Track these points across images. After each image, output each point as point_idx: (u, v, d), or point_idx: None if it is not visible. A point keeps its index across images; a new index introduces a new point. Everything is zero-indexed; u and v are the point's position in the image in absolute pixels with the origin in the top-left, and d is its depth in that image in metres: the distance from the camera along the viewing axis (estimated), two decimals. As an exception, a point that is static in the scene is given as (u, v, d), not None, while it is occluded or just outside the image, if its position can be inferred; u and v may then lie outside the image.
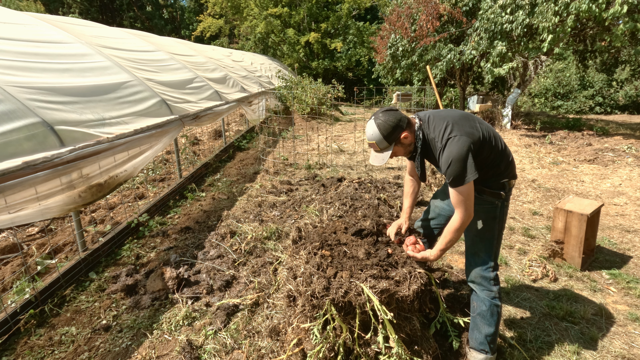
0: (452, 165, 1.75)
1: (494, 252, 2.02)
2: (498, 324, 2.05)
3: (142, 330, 2.53)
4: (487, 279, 2.02)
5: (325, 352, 1.84)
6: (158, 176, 5.84)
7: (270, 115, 10.58)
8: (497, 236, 2.02)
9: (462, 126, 1.81)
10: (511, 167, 1.97)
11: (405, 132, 1.87)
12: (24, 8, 22.65)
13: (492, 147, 1.87)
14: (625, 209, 4.69)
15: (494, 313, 2.02)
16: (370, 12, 26.39)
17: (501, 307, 2.05)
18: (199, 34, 24.65)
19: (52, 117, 2.60)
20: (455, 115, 1.89)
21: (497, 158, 1.90)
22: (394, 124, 1.84)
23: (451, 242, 1.88)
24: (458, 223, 1.83)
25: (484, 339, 2.05)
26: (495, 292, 2.02)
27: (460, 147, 1.74)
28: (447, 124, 1.83)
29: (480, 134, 1.83)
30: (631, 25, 7.19)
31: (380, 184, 4.92)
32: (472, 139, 1.77)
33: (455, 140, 1.77)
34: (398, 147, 1.92)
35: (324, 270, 1.94)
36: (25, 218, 2.25)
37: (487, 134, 1.87)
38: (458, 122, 1.84)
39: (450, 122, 1.84)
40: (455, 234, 1.85)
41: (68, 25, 4.20)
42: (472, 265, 2.07)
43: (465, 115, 1.91)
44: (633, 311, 2.69)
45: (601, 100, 18.40)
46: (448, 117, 1.88)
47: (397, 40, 11.75)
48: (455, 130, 1.79)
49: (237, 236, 3.72)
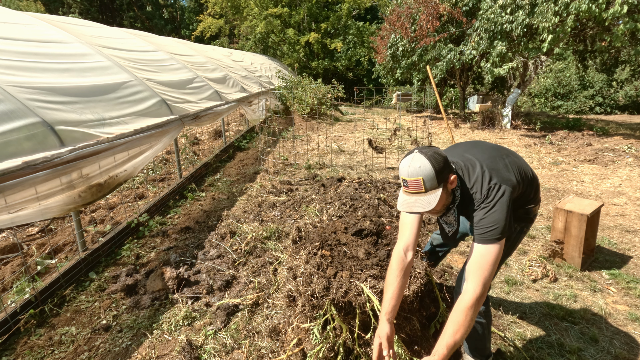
0: (491, 217, 1.51)
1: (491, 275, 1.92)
2: (485, 338, 1.98)
3: (142, 330, 2.53)
4: None
5: (325, 352, 1.85)
6: (158, 176, 5.84)
7: (270, 115, 10.58)
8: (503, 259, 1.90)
9: (498, 170, 1.62)
10: (538, 193, 1.85)
11: (454, 175, 1.55)
12: (24, 8, 22.66)
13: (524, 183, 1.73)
14: (625, 209, 4.69)
15: (478, 330, 1.94)
16: (370, 12, 26.41)
17: (487, 324, 1.95)
18: (199, 34, 24.66)
19: (52, 117, 2.60)
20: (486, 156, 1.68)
21: (527, 189, 1.77)
22: (445, 159, 1.52)
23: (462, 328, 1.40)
24: (472, 299, 1.43)
25: (474, 350, 2.04)
26: (481, 312, 1.90)
27: (502, 196, 1.54)
28: (482, 169, 1.61)
29: (514, 176, 1.65)
30: (631, 25, 7.18)
31: (380, 184, 4.92)
32: (511, 186, 1.59)
33: (496, 189, 1.55)
34: (443, 192, 1.52)
35: (324, 270, 1.95)
36: (25, 218, 2.25)
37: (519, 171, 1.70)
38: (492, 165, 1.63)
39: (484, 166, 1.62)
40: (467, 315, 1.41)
41: (68, 25, 4.20)
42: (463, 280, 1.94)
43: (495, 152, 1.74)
44: (633, 311, 2.69)
45: (601, 100, 18.40)
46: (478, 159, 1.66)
47: (397, 40, 11.76)
48: (495, 177, 1.59)
49: (237, 236, 3.72)
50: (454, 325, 1.41)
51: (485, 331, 1.97)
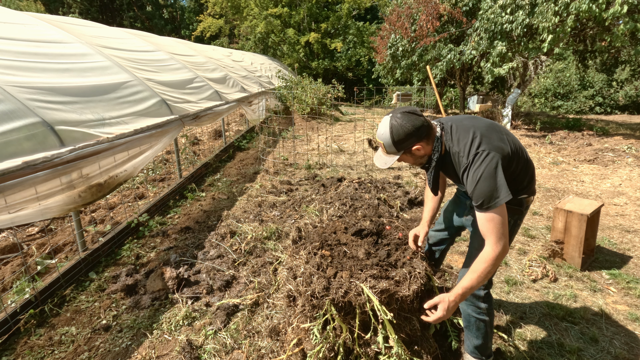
0: (481, 185, 1.53)
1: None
2: (487, 336, 1.98)
3: (142, 330, 2.53)
4: (477, 296, 1.91)
5: (325, 352, 1.85)
6: (158, 176, 5.84)
7: (270, 115, 10.58)
8: None
9: (490, 139, 1.61)
10: (533, 182, 1.82)
11: (419, 145, 1.64)
12: (24, 8, 22.66)
13: (519, 161, 1.71)
14: (625, 209, 4.69)
15: (480, 328, 1.95)
16: (370, 12, 26.41)
17: (490, 322, 1.95)
18: (199, 34, 24.66)
19: (52, 117, 2.60)
20: (482, 125, 1.69)
21: (522, 173, 1.74)
22: (410, 131, 1.59)
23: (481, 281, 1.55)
24: (490, 255, 1.53)
25: (473, 349, 2.04)
26: (484, 309, 1.91)
27: (490, 164, 1.54)
28: (474, 136, 1.62)
29: (509, 147, 1.65)
30: (631, 25, 7.18)
31: (380, 184, 4.92)
32: (501, 153, 1.58)
33: (484, 156, 1.55)
34: (406, 156, 1.69)
35: (324, 270, 1.94)
36: (25, 218, 2.25)
37: (515, 147, 1.70)
38: (486, 133, 1.63)
39: (477, 133, 1.62)
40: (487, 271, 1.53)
41: (68, 25, 4.20)
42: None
43: (492, 125, 1.72)
44: (633, 311, 2.69)
45: (601, 100, 18.40)
46: (474, 127, 1.66)
47: (397, 40, 11.76)
48: (485, 144, 1.58)
49: (237, 236, 3.72)
50: (473, 272, 1.56)
51: (488, 329, 1.97)
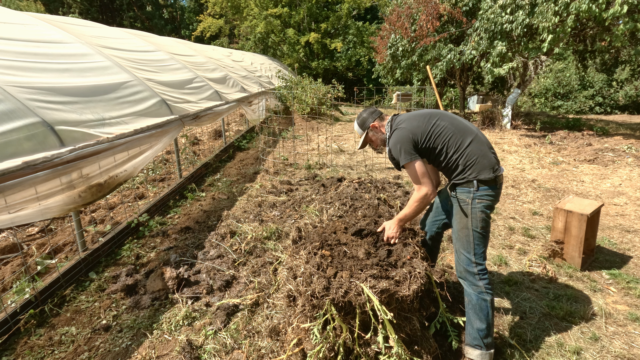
0: (393, 151, 2.11)
1: (472, 249, 2.07)
2: (489, 319, 2.06)
3: (142, 330, 2.53)
4: (472, 274, 2.08)
5: (325, 352, 1.85)
6: (158, 176, 5.84)
7: (270, 115, 10.58)
8: (474, 233, 2.06)
9: (412, 121, 2.13)
10: (475, 166, 2.03)
11: (374, 122, 2.29)
12: (24, 8, 22.65)
13: (445, 143, 2.06)
14: (625, 209, 4.69)
15: (483, 307, 2.05)
16: (370, 12, 26.40)
17: (491, 302, 2.06)
18: (199, 34, 24.65)
19: (52, 117, 2.60)
20: (416, 113, 2.18)
21: (454, 155, 2.06)
22: (367, 115, 2.33)
23: (411, 213, 2.13)
24: (416, 196, 2.09)
25: (476, 334, 2.07)
26: (482, 287, 2.06)
27: (399, 135, 2.09)
28: (402, 119, 2.18)
29: (429, 128, 2.08)
30: (631, 25, 7.18)
31: (380, 184, 4.92)
32: (413, 130, 2.08)
33: (398, 130, 2.12)
34: (372, 136, 2.32)
35: (324, 270, 1.94)
36: (25, 218, 2.25)
37: (441, 130, 2.07)
38: (412, 117, 2.15)
39: (406, 117, 2.18)
40: (414, 207, 2.10)
41: (68, 25, 4.20)
42: (457, 262, 2.17)
43: (427, 113, 2.16)
44: (633, 311, 2.69)
45: (601, 100, 18.39)
46: (410, 114, 2.21)
47: (397, 40, 11.76)
48: (404, 124, 2.13)
49: (237, 236, 3.72)
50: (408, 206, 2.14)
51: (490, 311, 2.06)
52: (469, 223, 2.06)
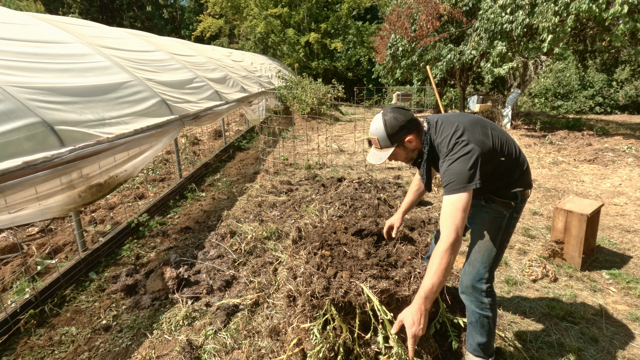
0: (454, 168, 1.61)
1: (490, 264, 1.89)
2: (491, 334, 1.98)
3: (142, 330, 2.53)
4: (479, 291, 1.91)
5: (325, 352, 1.85)
6: (158, 176, 5.84)
7: (270, 115, 10.58)
8: (498, 248, 1.89)
9: (473, 132, 1.69)
10: (526, 175, 1.86)
11: (411, 136, 1.76)
12: (24, 8, 22.64)
13: (505, 155, 1.76)
14: (625, 209, 4.69)
15: (484, 324, 1.94)
16: (370, 12, 26.39)
17: (493, 318, 1.95)
18: (199, 34, 24.65)
19: (52, 117, 2.60)
20: (466, 120, 1.76)
21: (510, 166, 1.79)
22: (402, 123, 1.73)
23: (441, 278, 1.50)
24: (448, 243, 1.52)
25: (477, 347, 2.03)
26: (487, 304, 1.91)
27: (468, 152, 1.61)
28: (457, 128, 1.70)
29: (492, 142, 1.72)
30: (631, 25, 7.18)
31: (380, 184, 4.92)
32: (482, 148, 1.65)
33: (463, 145, 1.64)
34: (399, 150, 1.79)
35: (324, 270, 1.94)
36: (25, 218, 2.25)
37: (500, 142, 1.76)
38: (469, 127, 1.71)
39: (460, 126, 1.71)
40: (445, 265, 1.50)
41: (68, 25, 4.20)
42: (465, 274, 1.95)
43: (478, 120, 1.79)
44: (633, 311, 2.69)
45: (601, 100, 18.39)
46: (458, 121, 1.75)
47: (397, 40, 11.76)
48: (466, 135, 1.67)
49: (237, 236, 3.72)
50: (432, 268, 1.51)
51: (492, 326, 1.96)
52: (498, 237, 1.87)
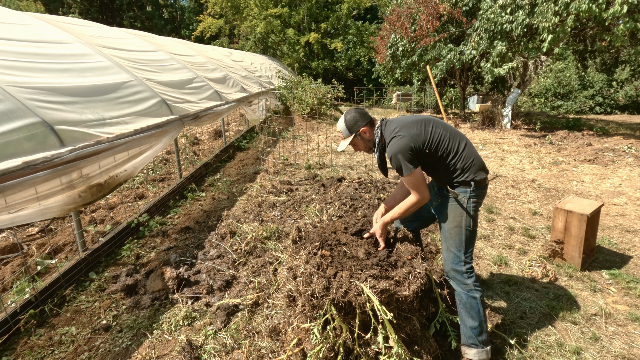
0: (393, 160, 2.03)
1: (464, 247, 2.11)
2: (481, 316, 2.10)
3: (142, 330, 2.53)
4: (460, 272, 2.11)
5: (325, 352, 1.84)
6: (158, 176, 5.84)
7: (270, 115, 10.58)
8: (467, 231, 2.11)
9: (409, 128, 2.06)
10: (472, 168, 2.09)
11: (365, 128, 2.18)
12: (24, 8, 22.64)
13: (445, 149, 2.07)
14: (625, 209, 4.69)
15: (473, 305, 2.09)
16: (370, 12, 26.40)
17: (480, 299, 2.09)
18: (199, 34, 24.65)
19: (52, 117, 2.60)
20: (410, 119, 2.13)
21: (453, 159, 2.09)
22: (357, 117, 2.19)
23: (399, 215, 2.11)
24: (411, 201, 2.07)
25: (470, 333, 2.10)
26: (470, 285, 2.10)
27: (400, 145, 2.00)
28: (397, 126, 2.09)
29: (429, 136, 2.06)
30: (631, 25, 7.19)
31: (380, 184, 4.92)
32: (415, 139, 2.02)
33: (397, 139, 2.03)
34: (358, 140, 2.22)
35: (324, 270, 1.94)
36: (25, 218, 2.25)
37: (439, 137, 2.07)
38: (409, 124, 2.09)
39: (400, 124, 2.10)
40: (404, 210, 2.09)
41: (68, 25, 4.20)
42: (445, 260, 2.20)
43: (420, 119, 2.12)
44: (633, 311, 2.69)
45: (601, 100, 18.39)
46: (402, 120, 2.15)
47: (397, 40, 11.76)
48: (403, 131, 2.05)
49: (237, 236, 3.72)
50: (399, 208, 2.11)
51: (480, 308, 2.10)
52: (462, 221, 2.10)
